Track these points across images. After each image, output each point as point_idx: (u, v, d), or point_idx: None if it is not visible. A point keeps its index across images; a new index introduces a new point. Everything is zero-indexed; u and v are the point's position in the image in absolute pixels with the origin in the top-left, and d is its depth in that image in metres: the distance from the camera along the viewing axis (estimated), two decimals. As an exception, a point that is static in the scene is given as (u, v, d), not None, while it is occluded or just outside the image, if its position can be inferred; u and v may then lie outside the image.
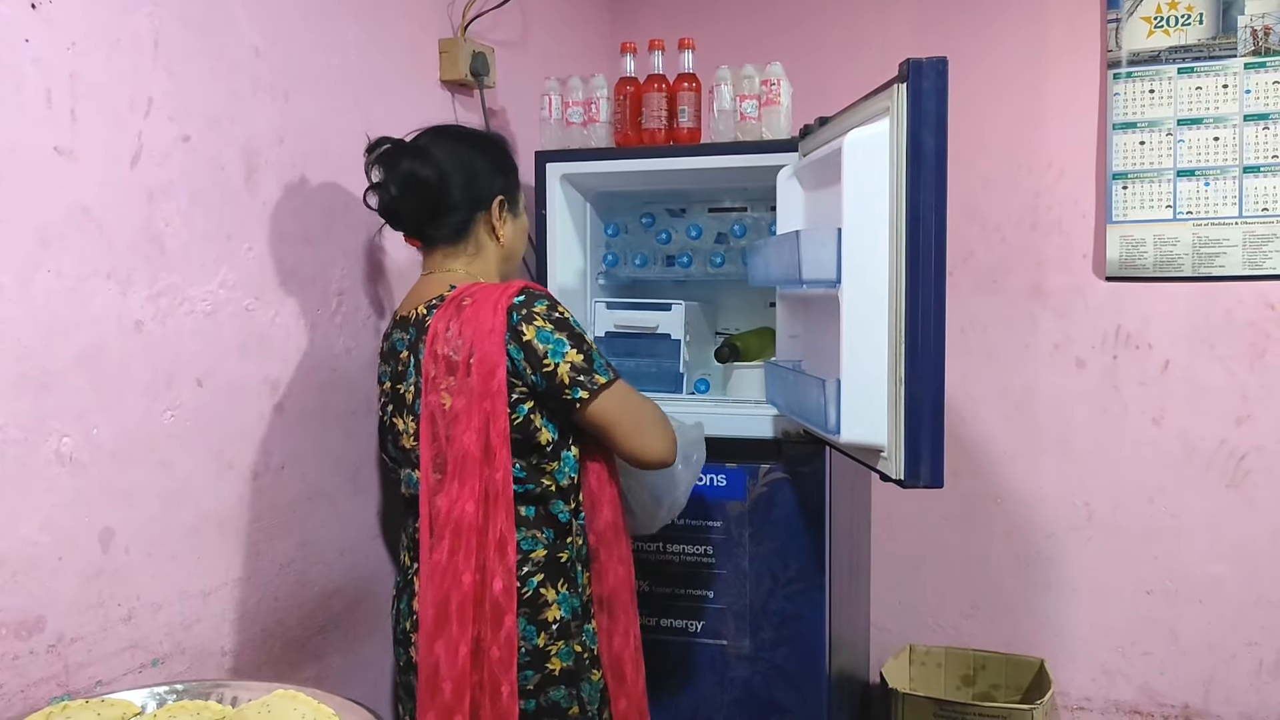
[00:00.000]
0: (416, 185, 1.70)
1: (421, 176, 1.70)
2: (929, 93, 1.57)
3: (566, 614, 1.67)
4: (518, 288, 1.64)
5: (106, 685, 1.55)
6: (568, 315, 1.65)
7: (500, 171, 1.78)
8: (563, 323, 1.63)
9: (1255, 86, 2.59)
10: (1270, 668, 2.67)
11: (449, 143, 1.75)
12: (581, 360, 1.62)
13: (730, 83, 2.29)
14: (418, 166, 1.70)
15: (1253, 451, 2.66)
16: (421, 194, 1.70)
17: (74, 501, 1.52)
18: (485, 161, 1.76)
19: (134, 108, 1.60)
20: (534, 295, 1.64)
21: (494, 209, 1.76)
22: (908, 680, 2.93)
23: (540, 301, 1.63)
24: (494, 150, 1.80)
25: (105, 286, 1.56)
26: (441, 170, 1.71)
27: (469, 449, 1.58)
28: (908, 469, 1.63)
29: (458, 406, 1.60)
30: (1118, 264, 2.73)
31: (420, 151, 1.72)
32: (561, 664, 1.65)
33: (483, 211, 1.75)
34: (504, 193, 1.77)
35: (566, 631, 1.66)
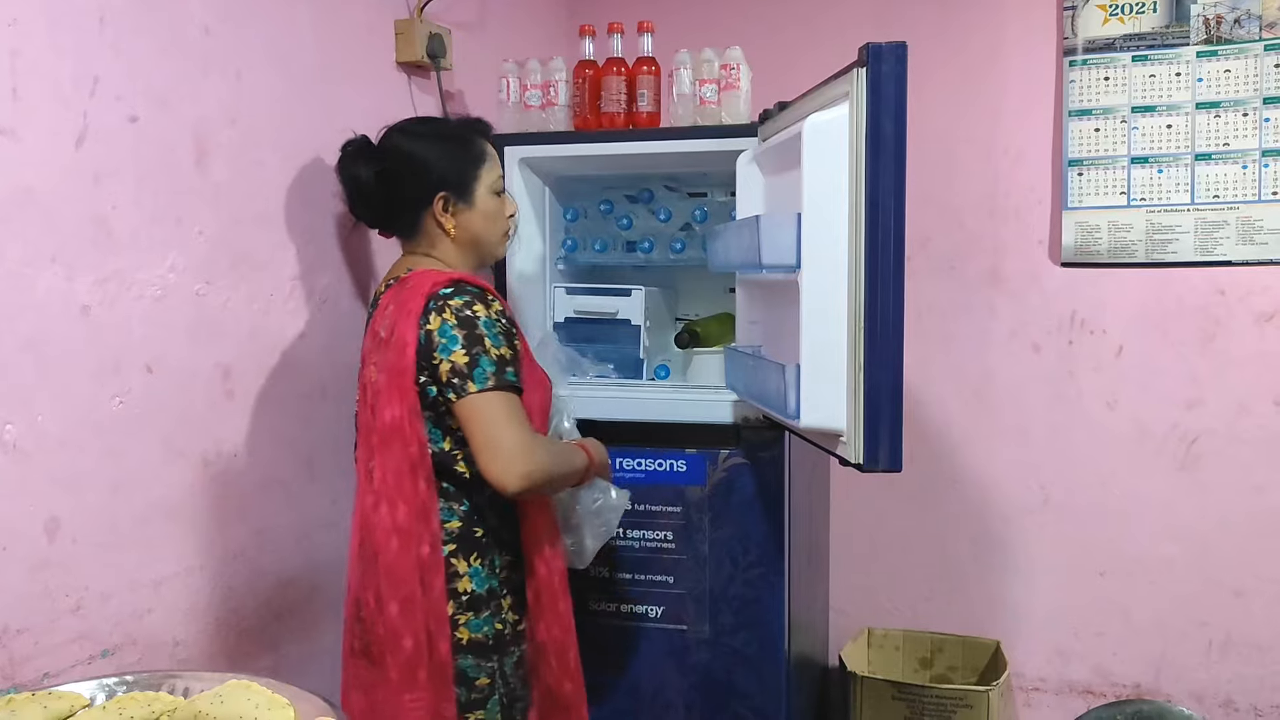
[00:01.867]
0: (360, 187, 1.79)
1: (362, 180, 1.78)
2: (888, 78, 1.57)
3: (479, 588, 1.70)
4: (450, 279, 1.68)
5: (54, 677, 1.52)
6: (482, 316, 1.65)
7: (445, 165, 1.78)
8: (469, 321, 1.64)
9: (1207, 75, 2.63)
10: (1219, 647, 2.72)
11: (395, 139, 1.81)
12: (464, 363, 1.62)
13: (690, 67, 2.28)
14: (360, 170, 1.78)
15: (1203, 435, 2.70)
16: (364, 195, 1.79)
17: (18, 490, 1.48)
18: (426, 157, 1.78)
19: (79, 87, 1.56)
20: (461, 289, 1.67)
21: (435, 205, 1.77)
22: (866, 663, 2.95)
23: (462, 296, 1.66)
24: (443, 143, 1.80)
25: (50, 270, 1.52)
26: (385, 170, 1.77)
27: (387, 421, 1.65)
28: (867, 453, 1.64)
29: (380, 381, 1.67)
30: (1073, 250, 2.75)
31: (366, 154, 1.80)
32: (470, 635, 1.69)
33: (425, 207, 1.78)
34: (447, 187, 1.77)
35: (478, 605, 1.70)
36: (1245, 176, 2.60)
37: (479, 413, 1.61)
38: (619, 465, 2.18)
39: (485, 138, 1.87)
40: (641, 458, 2.23)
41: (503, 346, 1.65)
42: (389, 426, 1.65)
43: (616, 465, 2.14)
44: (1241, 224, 2.61)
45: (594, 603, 2.27)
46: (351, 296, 2.15)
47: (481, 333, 1.64)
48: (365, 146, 1.82)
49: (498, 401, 1.61)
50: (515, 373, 1.66)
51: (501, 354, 1.64)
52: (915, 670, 2.95)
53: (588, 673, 1.99)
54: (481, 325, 1.64)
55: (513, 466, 1.59)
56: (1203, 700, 2.73)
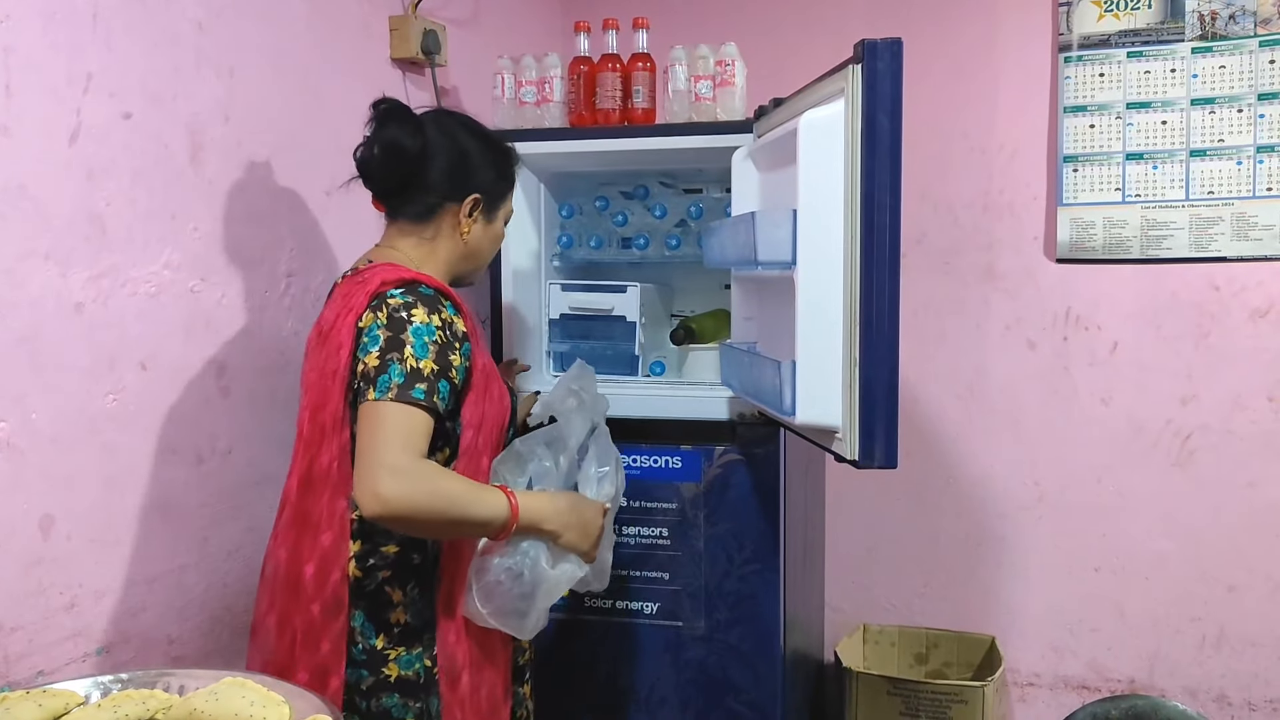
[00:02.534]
0: (397, 151, 1.61)
1: (404, 145, 1.61)
2: (884, 74, 1.57)
3: (414, 620, 1.56)
4: (404, 278, 1.55)
5: (49, 675, 1.51)
6: (416, 322, 1.50)
7: (489, 172, 1.70)
8: (397, 324, 1.49)
9: (1202, 71, 2.63)
10: (1213, 642, 2.73)
11: (448, 125, 1.69)
12: (374, 367, 1.47)
13: (685, 63, 2.27)
14: (405, 135, 1.61)
15: (1197, 431, 2.70)
16: (399, 161, 1.62)
17: (11, 488, 1.48)
18: (476, 156, 1.69)
19: (72, 83, 1.56)
20: (412, 289, 1.54)
21: (465, 204, 1.67)
22: (861, 659, 2.96)
23: (404, 296, 1.53)
24: (492, 151, 1.72)
25: (43, 267, 1.52)
26: (427, 147, 1.63)
27: (311, 428, 1.54)
28: (862, 450, 1.64)
29: (311, 381, 1.57)
30: (1068, 246, 2.75)
31: (415, 121, 1.64)
32: (399, 671, 1.55)
33: (454, 203, 1.67)
34: (483, 193, 1.69)
35: (411, 638, 1.56)
36: (1240, 172, 2.60)
37: (364, 422, 1.45)
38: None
39: (517, 167, 1.81)
40: (637, 454, 2.23)
41: (425, 359, 1.48)
42: (306, 430, 1.54)
43: None
44: (1236, 220, 2.61)
45: (588, 599, 2.26)
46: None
47: (405, 339, 1.48)
48: (408, 111, 1.65)
49: (389, 414, 1.44)
50: (428, 390, 1.46)
51: (418, 366, 1.47)
52: (910, 666, 2.96)
53: (582, 669, 2.00)
54: (410, 331, 1.49)
55: (371, 486, 1.40)
56: (1197, 695, 2.74)
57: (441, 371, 1.50)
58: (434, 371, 1.48)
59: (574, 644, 2.27)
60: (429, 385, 1.47)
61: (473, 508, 1.49)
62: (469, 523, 1.50)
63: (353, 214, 2.17)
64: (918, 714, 2.66)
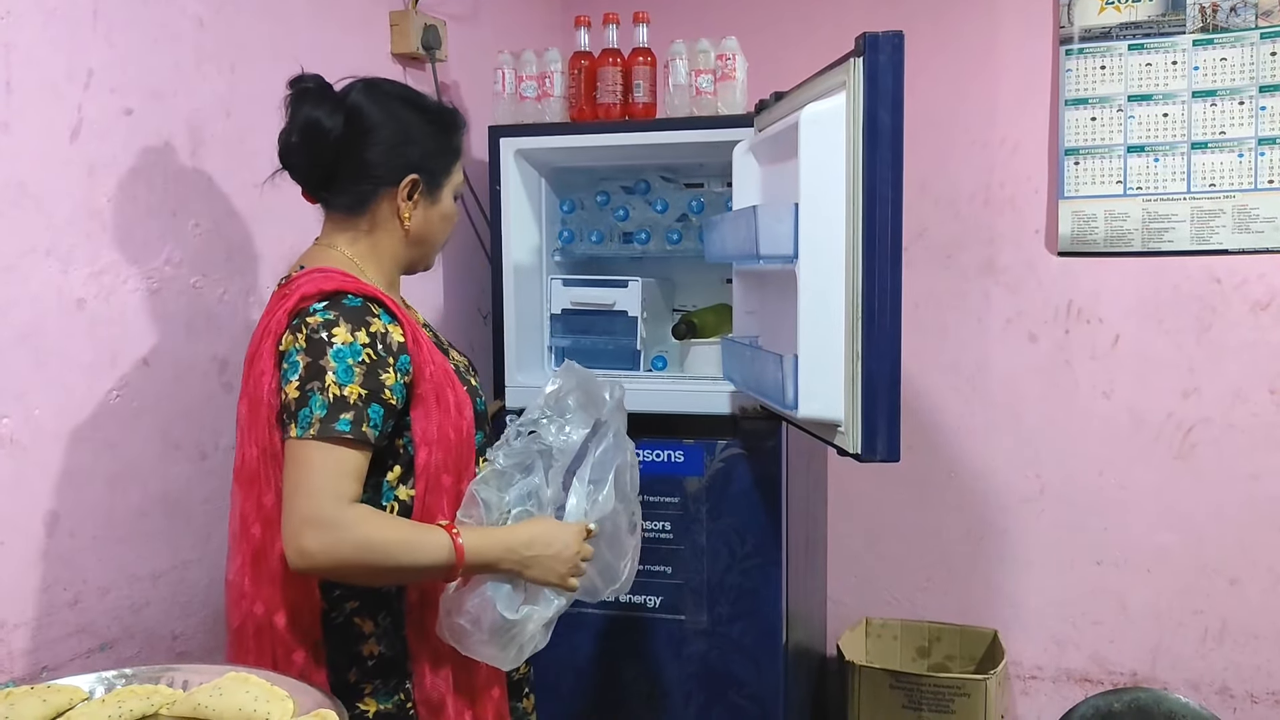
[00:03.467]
0: (316, 136, 1.43)
1: (324, 128, 1.43)
2: (885, 67, 1.57)
3: (388, 650, 1.45)
4: (326, 290, 1.39)
5: (53, 671, 1.52)
6: (336, 344, 1.34)
7: (427, 144, 1.50)
8: (316, 347, 1.34)
9: (1203, 63, 2.62)
10: (1215, 634, 2.73)
11: (375, 98, 1.48)
12: (294, 399, 1.33)
13: (685, 57, 2.27)
14: (324, 115, 1.43)
15: (1199, 424, 2.70)
16: (318, 147, 1.44)
17: (15, 484, 1.48)
18: (411, 129, 1.48)
19: (73, 79, 1.56)
20: (335, 303, 1.38)
21: (402, 187, 1.47)
22: (864, 653, 2.96)
23: (327, 314, 1.36)
24: (429, 121, 1.52)
25: (45, 264, 1.52)
26: (352, 126, 1.44)
27: (242, 462, 1.41)
28: (864, 443, 1.64)
29: (241, 413, 1.43)
30: (1069, 239, 2.75)
31: (335, 98, 1.46)
32: (377, 706, 1.44)
33: (389, 187, 1.47)
34: (421, 172, 1.49)
35: (386, 671, 1.45)
36: (1241, 165, 2.60)
37: (287, 465, 1.32)
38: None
39: (463, 132, 1.59)
40: (640, 449, 2.18)
41: (350, 384, 1.33)
42: (244, 469, 1.41)
43: None
44: (1237, 212, 2.61)
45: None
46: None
47: (326, 364, 1.33)
48: (328, 89, 1.47)
49: (311, 456, 1.30)
50: (354, 420, 1.32)
51: (342, 395, 1.32)
52: (913, 659, 2.96)
53: (585, 662, 1.99)
54: (330, 355, 1.33)
55: (295, 541, 1.29)
56: (1199, 688, 2.74)
57: (372, 395, 1.35)
58: (361, 397, 1.34)
59: (576, 637, 2.27)
60: (356, 414, 1.33)
61: (407, 556, 1.35)
62: (406, 570, 1.38)
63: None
64: (920, 707, 2.66)
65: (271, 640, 1.42)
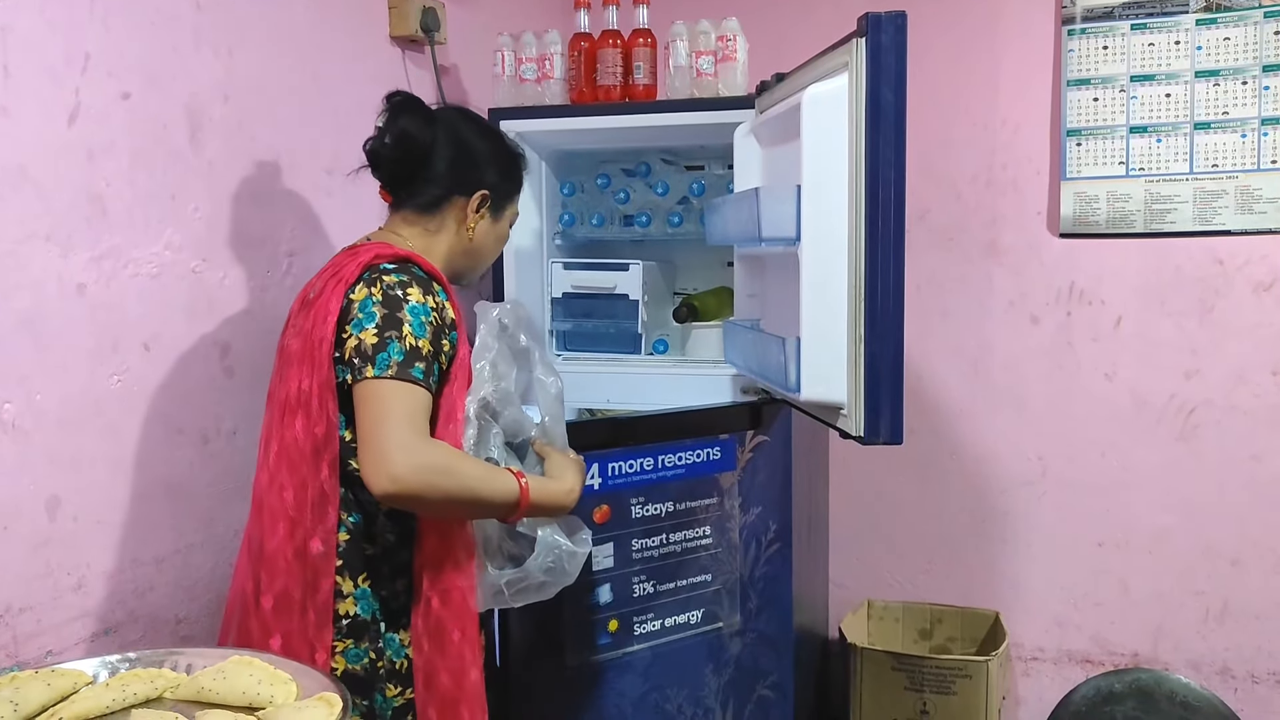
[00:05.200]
0: (408, 142, 1.61)
1: (415, 136, 1.61)
2: (888, 47, 1.56)
3: (364, 613, 1.51)
4: (398, 254, 1.54)
5: (57, 655, 1.52)
6: (412, 301, 1.48)
7: (498, 171, 1.69)
8: (394, 301, 1.47)
9: (1206, 43, 2.61)
10: (1216, 615, 2.74)
11: (460, 121, 1.69)
12: (371, 344, 1.44)
13: (686, 38, 2.26)
14: (417, 126, 1.62)
15: (1201, 405, 2.70)
16: (409, 152, 1.62)
17: (17, 469, 1.48)
18: (486, 153, 1.68)
19: (70, 64, 1.55)
20: (406, 268, 1.53)
21: (473, 199, 1.65)
22: (866, 635, 2.97)
23: (402, 275, 1.51)
24: (502, 151, 1.72)
25: (45, 249, 1.51)
26: (437, 139, 1.63)
27: (294, 392, 1.50)
28: (868, 426, 1.64)
29: (295, 348, 1.53)
30: (1071, 221, 2.74)
31: (427, 114, 1.65)
32: (346, 665, 1.50)
33: (462, 197, 1.65)
34: (492, 190, 1.68)
35: (360, 632, 1.51)
36: (1244, 145, 2.59)
37: (367, 401, 1.42)
38: (659, 463, 2.01)
39: (522, 175, 1.80)
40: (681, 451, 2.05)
41: (423, 338, 1.47)
42: (295, 398, 1.49)
43: (657, 463, 2.00)
44: (1240, 193, 2.60)
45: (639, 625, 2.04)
46: (348, 273, 2.14)
47: (403, 317, 1.46)
48: (422, 104, 1.66)
49: (393, 392, 1.42)
50: (425, 370, 1.46)
51: (417, 345, 1.46)
52: (915, 641, 2.97)
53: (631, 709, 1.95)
54: (407, 310, 1.47)
55: (383, 466, 1.38)
56: (1200, 669, 2.75)
57: (435, 354, 1.49)
58: (429, 353, 1.47)
59: (622, 681, 2.04)
60: (426, 365, 1.46)
61: (483, 488, 1.48)
62: (480, 504, 1.49)
63: (354, 193, 2.16)
64: (922, 689, 2.67)
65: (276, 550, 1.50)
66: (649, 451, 1.98)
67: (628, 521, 1.99)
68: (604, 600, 1.98)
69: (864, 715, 2.73)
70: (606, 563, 1.97)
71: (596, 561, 1.95)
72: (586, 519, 1.89)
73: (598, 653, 1.98)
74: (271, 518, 1.50)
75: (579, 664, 1.96)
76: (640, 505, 1.99)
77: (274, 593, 1.49)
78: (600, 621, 1.98)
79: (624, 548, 1.99)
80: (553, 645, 1.95)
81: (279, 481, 1.51)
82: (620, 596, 1.99)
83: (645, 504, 1.99)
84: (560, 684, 1.96)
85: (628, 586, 2.00)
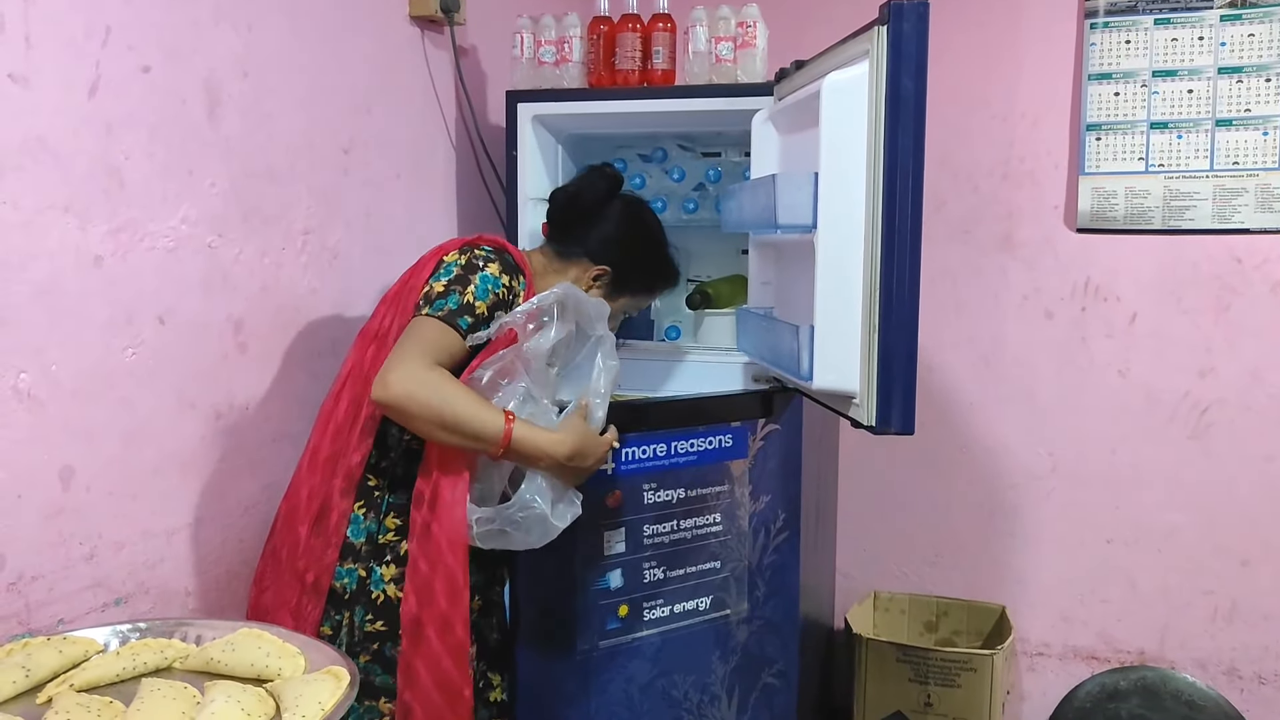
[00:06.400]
0: (579, 199, 1.86)
1: (587, 198, 1.86)
2: (910, 36, 1.55)
3: (354, 538, 1.69)
4: (498, 242, 1.74)
5: (69, 623, 1.53)
6: (487, 271, 1.65)
7: (635, 265, 1.87)
8: (472, 266, 1.66)
9: (1230, 39, 2.59)
10: (1224, 614, 2.73)
11: (632, 212, 1.90)
12: (438, 291, 1.63)
13: (705, 24, 2.25)
14: (595, 193, 1.86)
15: (1215, 404, 2.69)
16: (574, 207, 1.86)
17: (32, 439, 1.48)
18: (635, 245, 1.87)
19: (91, 36, 1.55)
20: (500, 253, 1.71)
21: (595, 267, 1.83)
22: (871, 626, 2.97)
23: (489, 254, 1.69)
24: (651, 256, 1.91)
25: (63, 220, 1.52)
26: (605, 211, 1.85)
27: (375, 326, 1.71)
28: (879, 415, 1.64)
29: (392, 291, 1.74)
30: (1089, 216, 2.73)
31: (612, 189, 1.88)
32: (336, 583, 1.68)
33: (589, 262, 1.83)
34: (617, 272, 1.84)
35: (353, 554, 1.68)
36: (1266, 143, 2.57)
37: (409, 330, 1.60)
38: (671, 449, 2.01)
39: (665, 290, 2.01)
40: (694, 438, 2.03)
41: (482, 301, 1.63)
42: (376, 330, 1.71)
43: (670, 450, 2.00)
44: (1260, 191, 2.58)
45: (648, 611, 2.04)
46: (363, 253, 2.14)
47: (472, 279, 1.64)
48: (617, 182, 1.91)
49: (431, 327, 1.59)
50: (472, 324, 1.61)
51: (472, 304, 1.62)
52: (920, 633, 2.97)
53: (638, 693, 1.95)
54: (479, 276, 1.65)
55: (383, 372, 1.54)
56: (1206, 668, 2.75)
57: (487, 318, 1.63)
58: (481, 315, 1.62)
59: (631, 666, 2.03)
60: (475, 321, 1.61)
61: (466, 415, 1.55)
62: (460, 428, 1.55)
63: (371, 172, 2.17)
64: (926, 681, 2.67)
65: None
66: (663, 437, 1.98)
67: (640, 507, 1.99)
68: (615, 585, 1.98)
69: (868, 706, 2.73)
70: (618, 548, 1.97)
71: (609, 547, 1.96)
72: (599, 503, 1.91)
73: (608, 637, 1.98)
74: (324, 422, 1.71)
75: (589, 648, 1.97)
76: (653, 491, 1.99)
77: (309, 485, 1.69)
78: (611, 606, 1.98)
79: (636, 533, 1.99)
80: (564, 629, 1.95)
81: (339, 395, 1.71)
82: (631, 582, 1.99)
83: (658, 490, 1.99)
84: (570, 668, 1.96)
85: (639, 572, 2.00)
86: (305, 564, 1.68)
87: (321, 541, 1.68)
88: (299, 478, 1.73)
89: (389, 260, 2.17)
